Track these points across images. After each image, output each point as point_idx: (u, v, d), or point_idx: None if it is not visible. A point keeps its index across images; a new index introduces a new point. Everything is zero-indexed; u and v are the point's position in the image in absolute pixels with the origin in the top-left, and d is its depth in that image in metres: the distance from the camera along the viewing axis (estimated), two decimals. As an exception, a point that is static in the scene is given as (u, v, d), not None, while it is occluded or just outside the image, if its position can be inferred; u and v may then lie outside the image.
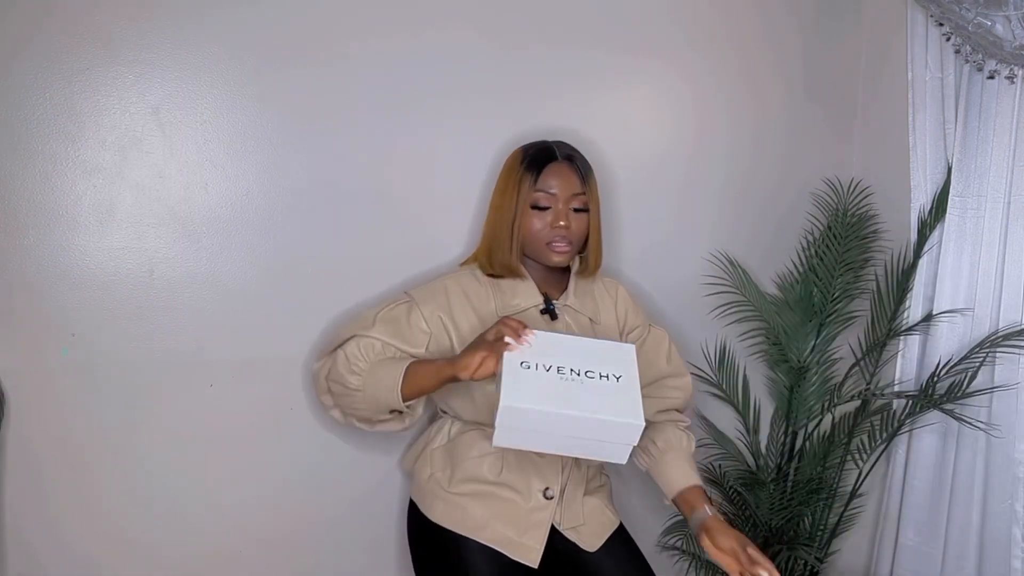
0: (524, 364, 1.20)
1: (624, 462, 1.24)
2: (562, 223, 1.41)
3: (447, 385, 1.34)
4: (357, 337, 1.40)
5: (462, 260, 1.62)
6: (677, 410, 1.59)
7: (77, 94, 1.43)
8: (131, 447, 1.55)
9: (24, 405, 1.46)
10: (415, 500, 1.53)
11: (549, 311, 1.47)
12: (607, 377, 1.22)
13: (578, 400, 1.16)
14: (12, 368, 1.45)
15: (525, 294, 1.46)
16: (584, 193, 1.43)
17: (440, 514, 1.45)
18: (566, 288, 1.51)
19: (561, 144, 1.48)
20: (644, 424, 1.17)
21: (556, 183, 1.41)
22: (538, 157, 1.43)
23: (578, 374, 1.21)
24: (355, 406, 1.41)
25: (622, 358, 1.27)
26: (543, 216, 1.42)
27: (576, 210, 1.43)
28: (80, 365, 1.49)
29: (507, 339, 1.22)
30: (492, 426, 1.22)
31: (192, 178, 1.53)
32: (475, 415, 1.45)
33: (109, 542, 1.56)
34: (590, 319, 1.51)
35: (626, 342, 1.41)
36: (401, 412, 1.41)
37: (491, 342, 1.24)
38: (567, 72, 1.80)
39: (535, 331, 1.26)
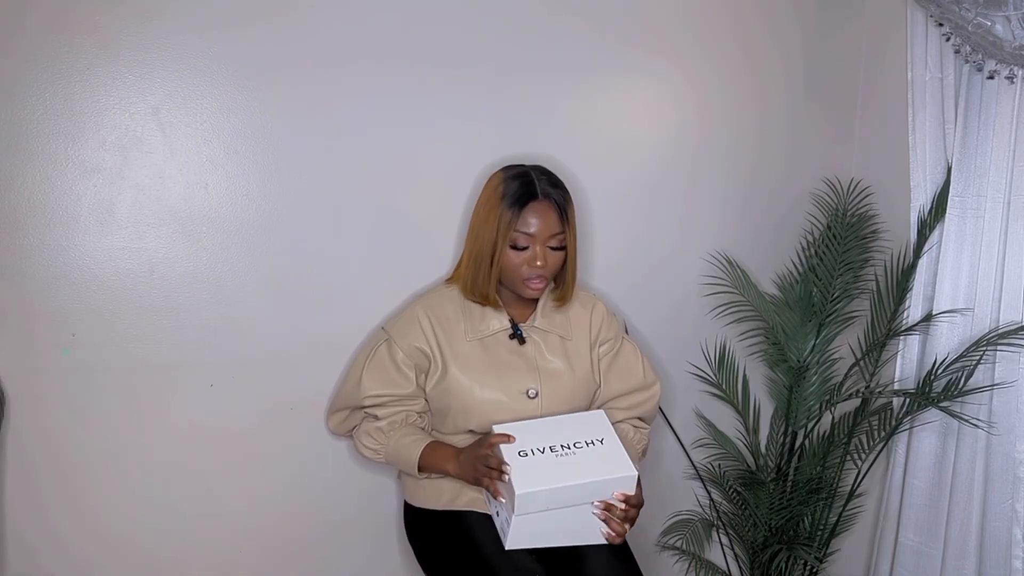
0: (522, 452, 1.35)
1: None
2: (539, 263, 1.46)
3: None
4: (364, 419, 1.56)
5: (452, 267, 1.65)
6: (640, 418, 1.66)
7: (77, 94, 1.43)
8: (131, 447, 1.55)
9: (24, 405, 1.46)
10: (404, 496, 1.62)
11: (517, 335, 1.54)
12: (592, 443, 1.38)
13: (577, 470, 1.33)
14: (12, 368, 1.45)
15: (494, 318, 1.54)
16: (563, 232, 1.48)
17: (421, 498, 1.56)
18: (535, 310, 1.57)
19: (541, 175, 1.49)
20: (636, 474, 1.35)
21: (535, 223, 1.45)
22: (519, 196, 1.45)
23: (568, 447, 1.37)
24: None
25: (597, 423, 1.43)
26: (521, 253, 1.46)
27: (553, 248, 1.48)
28: (80, 365, 1.49)
29: (489, 483, 1.35)
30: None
31: (192, 178, 1.53)
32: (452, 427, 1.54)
33: (108, 542, 1.56)
34: (560, 336, 1.57)
35: (595, 408, 1.58)
36: None
37: (482, 474, 1.36)
38: (565, 70, 1.80)
39: (512, 435, 1.38)
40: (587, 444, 1.37)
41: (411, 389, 1.52)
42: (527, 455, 1.34)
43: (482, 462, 1.37)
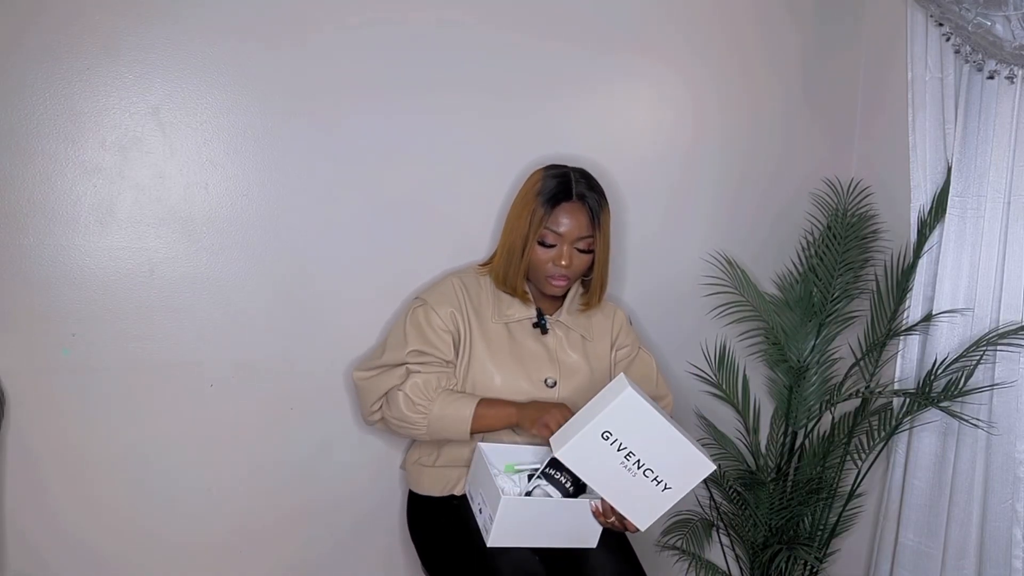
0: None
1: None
2: (563, 262, 1.48)
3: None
4: (411, 374, 1.48)
5: (471, 262, 1.67)
6: None
7: (77, 94, 1.43)
8: (131, 447, 1.55)
9: (24, 405, 1.46)
10: (409, 485, 1.64)
11: (540, 325, 1.56)
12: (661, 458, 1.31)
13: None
14: (12, 368, 1.45)
15: (521, 307, 1.57)
16: (591, 235, 1.50)
17: (427, 486, 1.58)
18: (561, 305, 1.61)
19: (580, 178, 1.51)
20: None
21: (565, 222, 1.48)
22: (554, 194, 1.48)
23: (639, 465, 1.32)
24: (413, 435, 1.52)
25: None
26: (548, 251, 1.49)
27: (581, 250, 1.50)
28: (80, 365, 1.49)
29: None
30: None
31: (192, 178, 1.53)
32: None
33: (109, 541, 1.56)
34: (582, 336, 1.60)
35: (614, 375, 1.52)
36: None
37: (543, 423, 1.41)
38: (565, 72, 1.80)
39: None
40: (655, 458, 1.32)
41: (450, 356, 1.51)
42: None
43: (549, 415, 1.40)
